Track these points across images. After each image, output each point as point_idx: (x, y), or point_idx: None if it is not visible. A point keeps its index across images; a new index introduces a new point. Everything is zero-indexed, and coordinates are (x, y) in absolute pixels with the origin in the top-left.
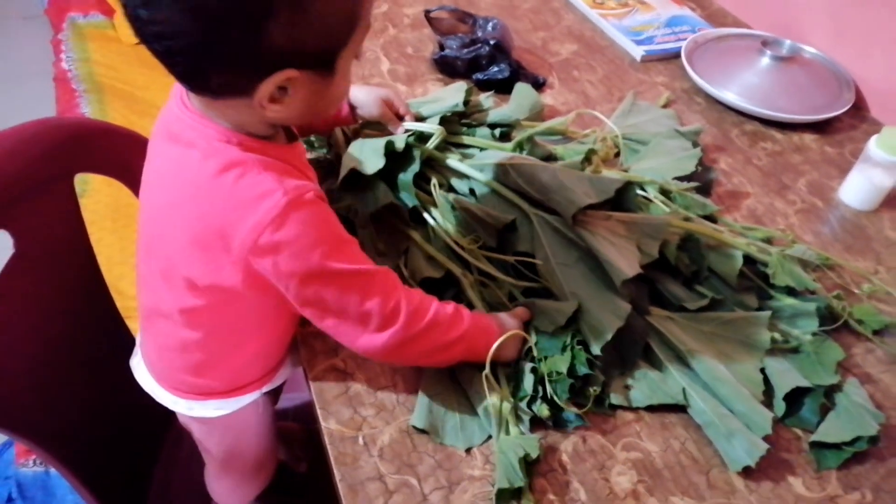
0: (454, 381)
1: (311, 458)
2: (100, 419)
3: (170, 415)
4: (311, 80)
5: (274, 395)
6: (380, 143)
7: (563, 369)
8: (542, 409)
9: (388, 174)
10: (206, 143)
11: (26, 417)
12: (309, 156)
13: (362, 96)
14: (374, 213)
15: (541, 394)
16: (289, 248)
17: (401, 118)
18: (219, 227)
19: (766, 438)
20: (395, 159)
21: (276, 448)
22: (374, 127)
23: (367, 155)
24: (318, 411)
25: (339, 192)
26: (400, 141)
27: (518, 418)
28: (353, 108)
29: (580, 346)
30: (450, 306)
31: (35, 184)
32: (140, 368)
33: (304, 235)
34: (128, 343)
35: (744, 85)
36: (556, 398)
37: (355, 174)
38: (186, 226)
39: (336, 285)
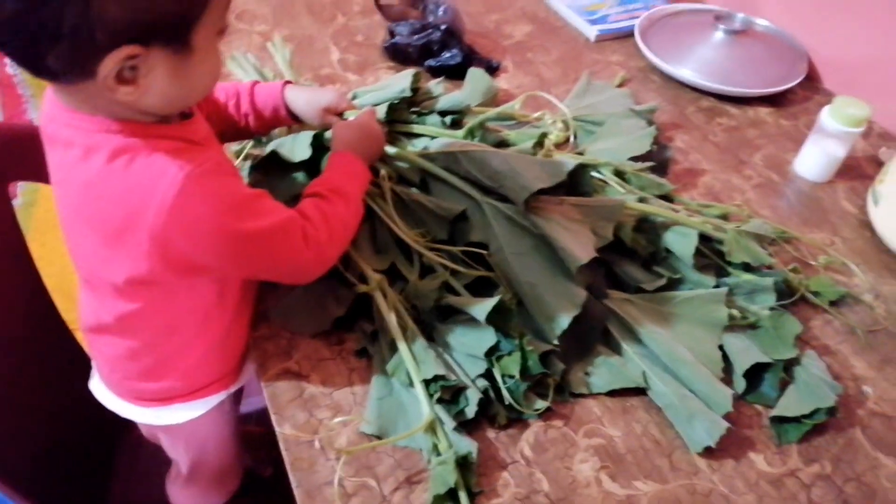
0: (401, 384)
1: (275, 462)
2: (48, 435)
3: (124, 426)
4: (164, 57)
5: (236, 399)
6: (307, 135)
7: (516, 371)
8: (501, 418)
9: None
10: (85, 138)
11: None
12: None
13: (301, 103)
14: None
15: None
16: (199, 224)
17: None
18: (123, 219)
19: (727, 417)
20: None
21: (242, 454)
22: None
23: (296, 144)
24: (273, 416)
25: (259, 177)
26: (329, 134)
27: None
28: (291, 112)
29: (531, 346)
30: (322, 197)
31: None
32: (99, 388)
33: (210, 207)
34: (74, 356)
35: (699, 61)
36: (513, 404)
37: (278, 161)
38: (92, 228)
39: (256, 244)
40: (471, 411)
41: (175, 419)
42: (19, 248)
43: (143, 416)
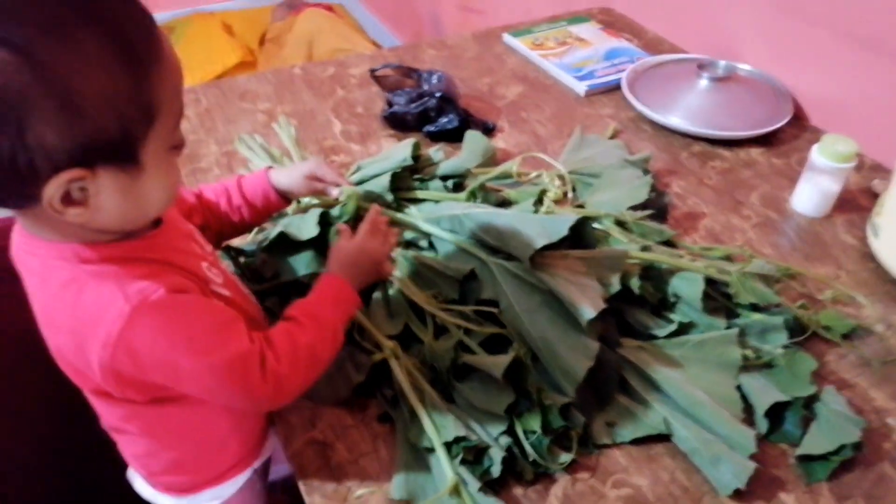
0: (427, 450)
1: None
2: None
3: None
4: (112, 177)
5: (264, 468)
6: (314, 213)
7: (537, 427)
8: (528, 474)
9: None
10: (41, 265)
11: None
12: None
13: (284, 179)
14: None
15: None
16: (146, 357)
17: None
18: (75, 348)
19: (752, 457)
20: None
21: None
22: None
23: (304, 222)
24: (301, 486)
25: (268, 258)
26: (336, 211)
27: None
28: (281, 193)
29: (550, 400)
30: (296, 322)
31: None
32: (133, 478)
33: (156, 342)
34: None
35: (687, 108)
36: (537, 459)
37: (287, 241)
38: (56, 350)
39: (207, 377)
40: (496, 470)
41: None
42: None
43: None
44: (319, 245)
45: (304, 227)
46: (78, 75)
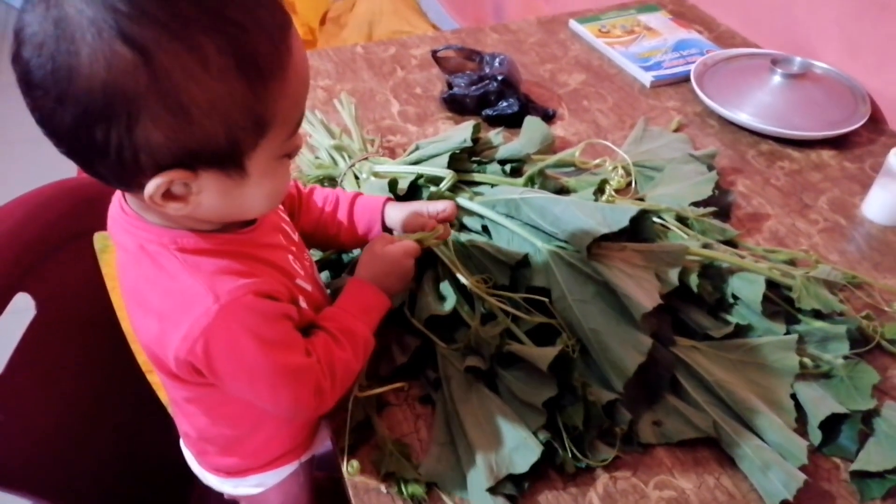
0: (461, 432)
1: None
2: (123, 479)
3: (193, 475)
4: (215, 180)
5: (310, 461)
6: (383, 181)
7: (579, 422)
8: (569, 467)
9: None
10: (137, 246)
11: (49, 481)
12: None
13: (397, 215)
14: None
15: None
16: (219, 356)
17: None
18: (157, 333)
19: (803, 469)
20: (401, 200)
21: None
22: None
23: (371, 193)
24: (342, 462)
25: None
26: (405, 180)
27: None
28: (386, 228)
29: (594, 396)
30: (333, 339)
31: (54, 245)
32: (187, 452)
33: (235, 343)
34: (148, 401)
35: (757, 105)
36: (578, 456)
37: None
38: (136, 329)
39: (271, 379)
40: (523, 466)
41: (250, 491)
42: (100, 289)
43: (221, 485)
44: None
45: None
46: (193, 82)
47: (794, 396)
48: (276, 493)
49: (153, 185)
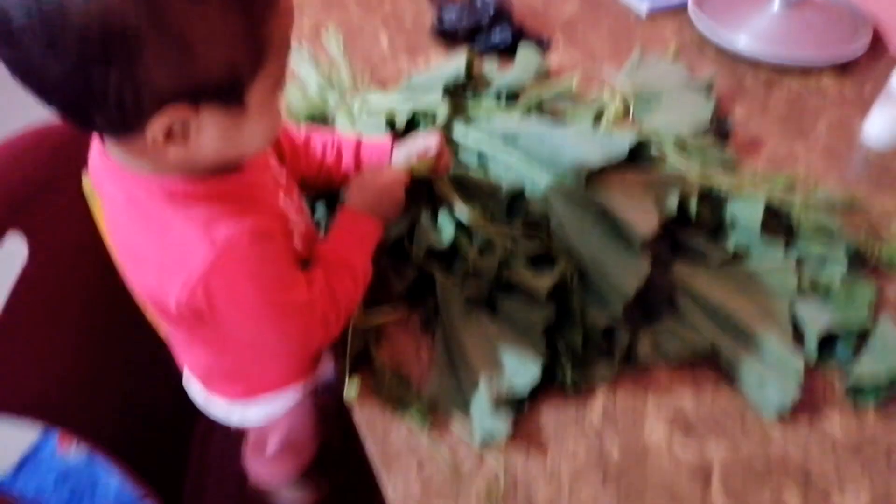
0: (462, 355)
1: (345, 431)
2: (133, 407)
3: (197, 412)
4: (216, 116)
5: (315, 387)
6: (380, 117)
7: (579, 346)
8: (568, 389)
9: None
10: (126, 196)
11: (62, 411)
12: None
13: (403, 156)
14: None
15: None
16: (222, 299)
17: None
18: (155, 283)
19: (800, 383)
20: (398, 137)
21: (319, 429)
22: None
23: (368, 129)
24: (346, 388)
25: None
26: (402, 115)
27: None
28: None
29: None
30: (332, 272)
31: (45, 183)
32: (191, 384)
33: (237, 286)
34: (151, 334)
35: (755, 31)
36: (576, 377)
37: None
38: (133, 280)
39: (278, 318)
40: (523, 388)
41: (257, 418)
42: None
43: (229, 414)
44: None
45: (369, 135)
46: (192, 15)
47: (791, 315)
48: (283, 420)
49: (156, 124)
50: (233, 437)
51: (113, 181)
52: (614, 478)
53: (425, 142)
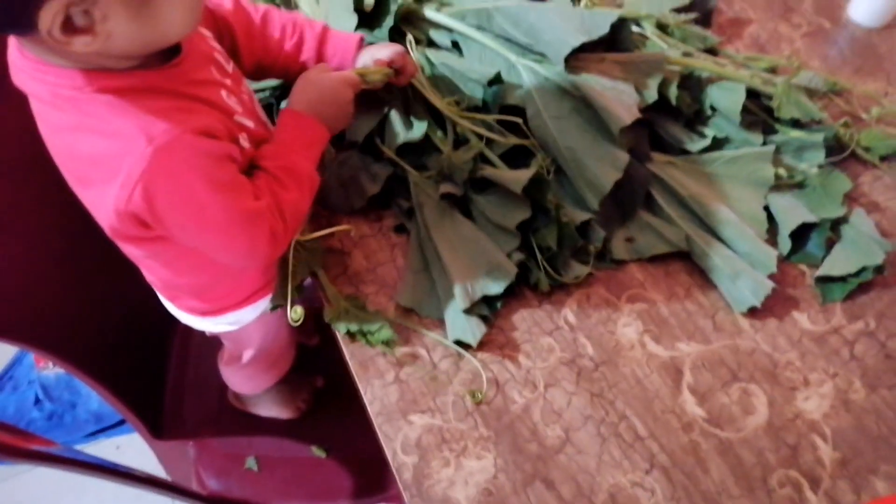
0: (436, 257)
1: (321, 332)
2: (107, 322)
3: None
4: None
5: None
6: None
7: (553, 243)
8: (543, 284)
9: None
10: (51, 94)
11: (33, 329)
12: None
13: (368, 60)
14: None
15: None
16: (163, 201)
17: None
18: (93, 186)
19: (771, 277)
20: (366, 18)
21: (296, 336)
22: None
23: (337, 13)
24: (322, 291)
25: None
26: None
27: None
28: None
29: (567, 217)
30: (276, 181)
31: None
32: (162, 297)
33: (178, 184)
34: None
35: None
36: (552, 275)
37: None
38: (72, 186)
39: (218, 226)
40: (498, 288)
41: (228, 327)
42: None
43: (201, 324)
44: None
45: (338, 19)
46: None
47: (766, 208)
48: (255, 327)
49: (49, 15)
50: (210, 346)
51: (33, 77)
52: (587, 376)
53: (390, 51)
